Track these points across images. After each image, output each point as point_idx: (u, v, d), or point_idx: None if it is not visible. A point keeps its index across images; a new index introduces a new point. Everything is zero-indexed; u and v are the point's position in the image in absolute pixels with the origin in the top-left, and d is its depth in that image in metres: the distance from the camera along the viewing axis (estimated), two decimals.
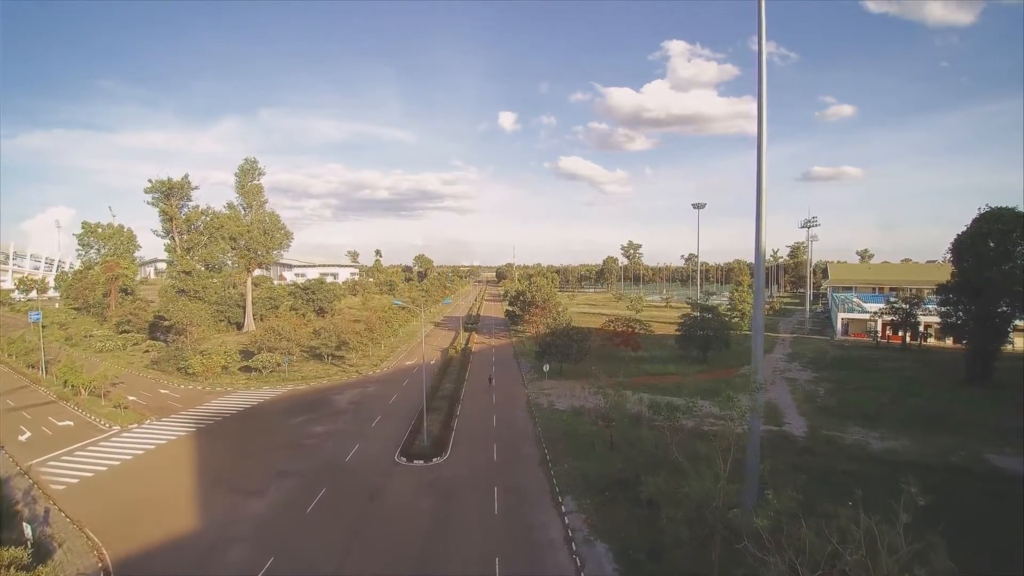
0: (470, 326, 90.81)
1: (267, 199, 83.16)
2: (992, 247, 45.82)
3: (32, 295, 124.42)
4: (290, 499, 26.32)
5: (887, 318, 67.91)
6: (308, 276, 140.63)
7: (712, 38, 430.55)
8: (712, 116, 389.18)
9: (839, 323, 78.74)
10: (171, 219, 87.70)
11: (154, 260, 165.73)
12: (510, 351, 70.76)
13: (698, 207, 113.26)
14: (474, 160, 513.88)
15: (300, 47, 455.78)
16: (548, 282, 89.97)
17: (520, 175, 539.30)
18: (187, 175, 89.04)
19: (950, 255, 49.97)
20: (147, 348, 65.55)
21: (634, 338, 61.16)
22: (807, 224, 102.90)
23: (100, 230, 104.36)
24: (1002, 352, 48.21)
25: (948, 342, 58.88)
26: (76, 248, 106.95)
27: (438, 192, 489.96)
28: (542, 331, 67.58)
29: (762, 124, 22.55)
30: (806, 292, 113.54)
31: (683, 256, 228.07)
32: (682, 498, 16.45)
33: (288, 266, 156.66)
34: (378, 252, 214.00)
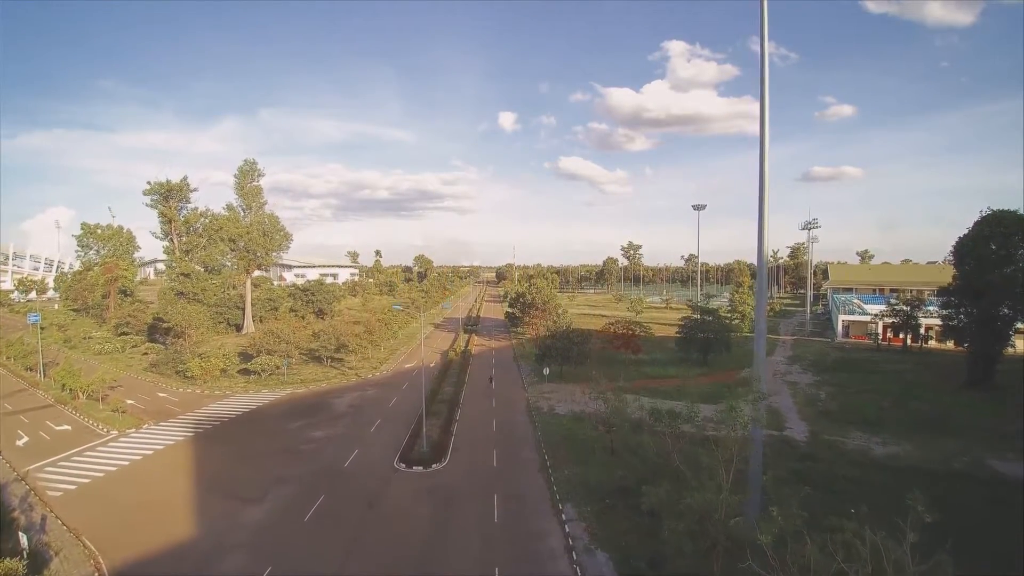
0: (470, 328, 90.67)
1: (266, 200, 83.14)
2: (994, 250, 45.75)
3: (31, 296, 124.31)
4: (288, 506, 26.14)
5: (888, 320, 67.74)
6: (308, 277, 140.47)
7: (712, 38, 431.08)
8: (712, 116, 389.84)
9: (840, 325, 78.56)
10: (170, 221, 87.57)
11: (154, 260, 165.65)
12: (510, 353, 70.56)
13: (698, 208, 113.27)
14: (474, 160, 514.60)
15: (300, 47, 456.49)
16: (548, 283, 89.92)
17: (520, 175, 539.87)
18: (185, 177, 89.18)
19: (951, 257, 49.89)
20: (146, 350, 65.36)
21: (634, 341, 60.96)
22: (808, 226, 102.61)
23: (99, 231, 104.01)
24: (1003, 355, 48.03)
25: (949, 345, 58.72)
26: (75, 249, 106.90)
27: (438, 192, 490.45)
28: (542, 333, 67.41)
29: (764, 126, 22.33)
30: (806, 293, 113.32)
31: (683, 257, 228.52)
32: (684, 510, 16.26)
33: (288, 267, 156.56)
34: (378, 252, 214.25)
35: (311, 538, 23.07)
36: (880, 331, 71.43)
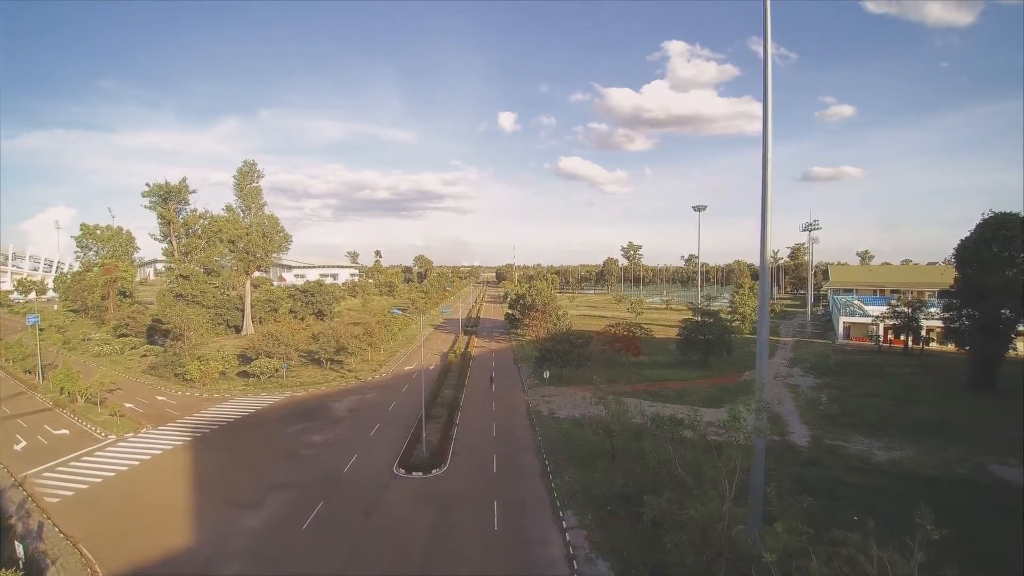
0: (470, 329, 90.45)
1: (266, 201, 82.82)
2: (995, 253, 45.62)
3: (31, 297, 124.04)
4: (287, 513, 25.96)
5: (889, 322, 67.57)
6: (308, 277, 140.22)
7: (712, 38, 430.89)
8: (712, 116, 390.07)
9: (840, 327, 78.33)
10: (169, 223, 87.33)
11: (153, 261, 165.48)
12: (510, 356, 70.35)
13: (698, 209, 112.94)
14: (474, 160, 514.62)
15: (300, 47, 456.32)
16: (548, 285, 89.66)
17: (520, 175, 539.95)
18: (184, 179, 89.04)
19: (952, 258, 49.79)
20: (145, 352, 65.16)
21: (635, 343, 60.77)
22: (808, 227, 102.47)
23: (99, 232, 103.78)
24: (1005, 358, 47.89)
25: (950, 347, 58.55)
26: (75, 250, 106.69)
27: (438, 192, 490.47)
28: (542, 335, 67.21)
29: (767, 127, 22.00)
30: (807, 295, 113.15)
31: (683, 257, 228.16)
32: (687, 521, 16.08)
33: (287, 267, 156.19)
34: (378, 253, 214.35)
35: (310, 546, 22.90)
36: (881, 333, 71.24)
